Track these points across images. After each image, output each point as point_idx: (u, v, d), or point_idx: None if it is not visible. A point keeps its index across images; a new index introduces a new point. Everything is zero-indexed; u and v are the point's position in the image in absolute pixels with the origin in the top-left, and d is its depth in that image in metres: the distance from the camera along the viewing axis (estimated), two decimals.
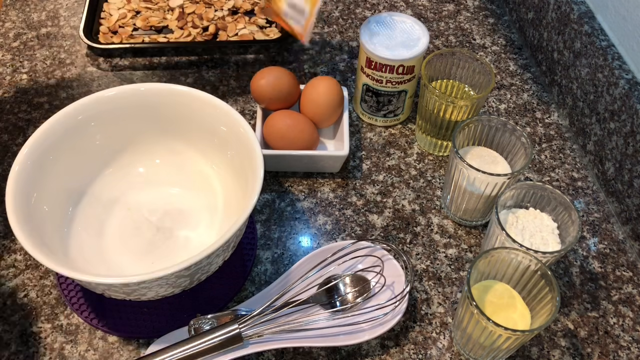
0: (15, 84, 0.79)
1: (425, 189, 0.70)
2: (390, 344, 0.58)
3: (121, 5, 0.87)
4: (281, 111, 0.69)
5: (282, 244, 0.65)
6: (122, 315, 0.58)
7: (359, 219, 0.67)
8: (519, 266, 0.53)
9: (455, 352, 0.58)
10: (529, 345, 0.59)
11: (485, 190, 0.61)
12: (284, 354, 0.57)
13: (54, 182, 0.58)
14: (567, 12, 0.74)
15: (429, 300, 0.61)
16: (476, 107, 0.66)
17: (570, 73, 0.75)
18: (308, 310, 0.57)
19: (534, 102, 0.80)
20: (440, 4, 0.92)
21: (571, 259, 0.65)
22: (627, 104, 0.64)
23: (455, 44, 0.86)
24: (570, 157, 0.74)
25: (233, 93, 0.79)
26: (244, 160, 0.58)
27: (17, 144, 0.72)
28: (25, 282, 0.61)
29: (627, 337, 0.60)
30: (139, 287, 0.50)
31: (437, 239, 0.66)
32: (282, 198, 0.69)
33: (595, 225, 0.68)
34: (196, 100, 0.61)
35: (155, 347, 0.55)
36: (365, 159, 0.73)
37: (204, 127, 0.62)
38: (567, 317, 0.61)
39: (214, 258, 0.52)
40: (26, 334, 0.58)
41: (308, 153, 0.67)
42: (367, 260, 0.60)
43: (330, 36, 0.87)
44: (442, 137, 0.71)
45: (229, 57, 0.83)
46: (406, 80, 0.70)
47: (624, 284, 0.63)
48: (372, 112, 0.75)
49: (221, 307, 0.60)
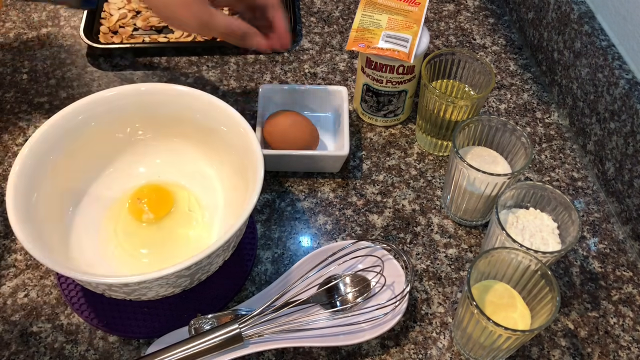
0: (15, 83, 0.79)
1: (426, 189, 0.70)
2: (390, 344, 0.58)
3: (121, 5, 0.87)
4: (281, 111, 0.69)
5: (282, 244, 0.65)
6: (122, 315, 0.58)
7: (359, 219, 0.67)
8: (519, 266, 0.53)
9: (456, 352, 0.58)
10: (529, 345, 0.59)
11: (486, 190, 0.61)
12: (284, 353, 0.57)
13: (54, 182, 0.58)
14: (567, 12, 0.74)
15: (429, 300, 0.61)
16: (476, 107, 0.66)
17: (571, 73, 0.75)
18: (308, 310, 0.57)
19: (534, 102, 0.80)
20: (440, 4, 0.92)
21: (571, 259, 0.65)
22: (627, 104, 0.64)
23: (456, 44, 0.86)
24: (571, 157, 0.74)
25: (233, 93, 0.79)
26: (244, 160, 0.58)
27: (17, 144, 0.72)
28: (26, 282, 0.61)
29: (627, 337, 0.59)
30: (139, 287, 0.50)
31: (437, 239, 0.66)
32: (282, 198, 0.69)
33: (595, 225, 0.68)
34: (196, 100, 0.61)
35: (155, 347, 0.55)
36: (365, 159, 0.73)
37: (204, 127, 0.62)
38: (567, 317, 0.61)
39: (214, 258, 0.52)
40: (26, 334, 0.58)
41: (308, 153, 0.67)
42: (367, 260, 0.60)
43: (330, 36, 0.87)
44: (442, 137, 0.71)
45: (229, 57, 0.83)
46: (406, 80, 0.70)
47: (624, 284, 0.63)
48: (372, 112, 0.75)
49: (221, 307, 0.60)
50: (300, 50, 0.84)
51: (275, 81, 0.80)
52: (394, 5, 0.70)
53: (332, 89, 0.73)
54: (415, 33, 0.68)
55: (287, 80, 0.81)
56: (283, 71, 0.82)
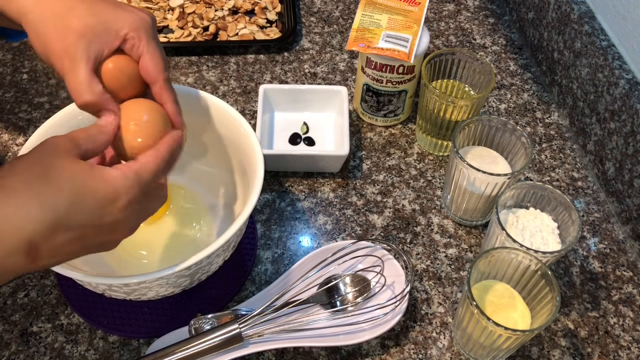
0: (15, 83, 0.79)
1: (426, 189, 0.70)
2: (390, 344, 0.58)
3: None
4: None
5: (283, 244, 0.65)
6: (122, 315, 0.58)
7: (359, 219, 0.67)
8: (519, 266, 0.53)
9: (456, 352, 0.58)
10: (529, 345, 0.59)
11: (486, 190, 0.61)
12: (284, 353, 0.57)
13: None
14: (567, 12, 0.74)
15: (429, 300, 0.61)
16: (476, 107, 0.66)
17: (571, 73, 0.75)
18: (308, 310, 0.57)
19: (534, 102, 0.80)
20: (440, 4, 0.92)
21: (571, 258, 0.65)
22: (628, 103, 0.64)
23: (456, 43, 0.86)
24: (571, 157, 0.74)
25: (233, 93, 0.79)
26: (244, 160, 0.58)
27: (17, 144, 0.72)
28: (26, 281, 0.61)
29: (627, 337, 0.59)
30: (139, 287, 0.50)
31: (437, 238, 0.66)
32: (282, 198, 0.69)
33: (595, 225, 0.68)
34: (196, 100, 0.61)
35: (155, 347, 0.55)
36: (365, 158, 0.73)
37: (204, 127, 0.62)
38: (567, 317, 0.61)
39: (214, 258, 0.52)
40: (26, 334, 0.58)
41: (308, 153, 0.67)
42: (367, 260, 0.60)
43: (331, 36, 0.87)
44: (442, 137, 0.71)
45: (229, 57, 0.83)
46: (406, 80, 0.70)
47: (624, 284, 0.63)
48: (373, 112, 0.75)
49: (221, 307, 0.60)
50: (300, 50, 0.84)
51: (275, 81, 0.80)
52: (394, 5, 0.70)
53: (332, 89, 0.73)
54: (415, 33, 0.68)
55: (287, 80, 0.81)
56: (283, 71, 0.82)
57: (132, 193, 0.40)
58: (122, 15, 0.47)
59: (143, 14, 0.48)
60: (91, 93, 0.45)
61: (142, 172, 0.42)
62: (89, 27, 0.45)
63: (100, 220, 0.39)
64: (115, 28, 0.46)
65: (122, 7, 0.48)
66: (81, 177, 0.39)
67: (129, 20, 0.47)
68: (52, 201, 0.37)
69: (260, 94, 0.72)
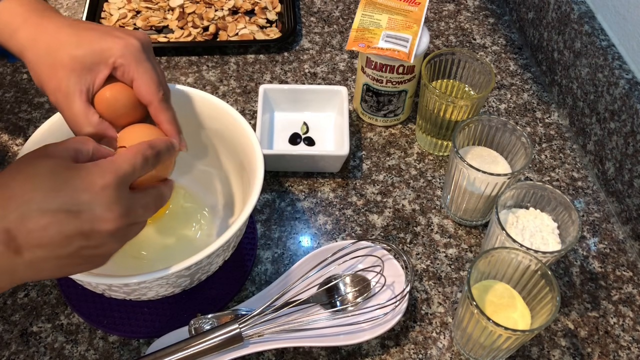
0: (15, 83, 0.79)
1: (426, 189, 0.70)
2: (390, 344, 0.58)
3: (121, 5, 0.87)
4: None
5: (283, 244, 0.65)
6: (122, 315, 0.58)
7: (359, 219, 0.67)
8: (519, 266, 0.53)
9: (455, 352, 0.58)
10: (529, 345, 0.59)
11: (486, 190, 0.61)
12: (284, 353, 0.57)
13: None
14: (567, 12, 0.74)
15: (429, 300, 0.61)
16: (476, 107, 0.66)
17: (571, 73, 0.75)
18: (308, 310, 0.57)
19: (534, 102, 0.80)
20: (440, 4, 0.92)
21: (571, 258, 0.65)
22: (627, 103, 0.64)
23: (456, 43, 0.86)
24: (571, 157, 0.74)
25: (233, 93, 0.79)
26: (244, 160, 0.58)
27: (17, 144, 0.72)
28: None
29: (627, 337, 0.59)
30: (139, 287, 0.50)
31: (437, 238, 0.66)
32: (282, 198, 0.69)
33: (595, 225, 0.68)
34: (196, 100, 0.61)
35: (155, 347, 0.55)
36: (365, 158, 0.73)
37: (204, 127, 0.62)
38: (567, 317, 0.61)
39: (214, 258, 0.52)
40: (26, 334, 0.58)
41: (308, 153, 0.67)
42: (367, 260, 0.60)
43: (331, 36, 0.87)
44: (442, 137, 0.71)
45: (229, 57, 0.83)
46: (406, 80, 0.70)
47: (624, 284, 0.63)
48: (373, 112, 0.75)
49: (221, 307, 0.60)
50: (300, 50, 0.84)
51: (275, 81, 0.80)
52: (394, 5, 0.70)
53: (332, 89, 0.73)
54: (415, 33, 0.68)
55: (287, 80, 0.81)
56: (283, 71, 0.82)
57: (108, 178, 0.40)
58: (110, 43, 0.47)
59: (131, 39, 0.48)
60: (89, 124, 0.47)
61: (118, 161, 0.42)
62: (78, 60, 0.46)
63: (77, 207, 0.38)
64: (104, 57, 0.47)
65: (110, 33, 0.48)
66: (55, 165, 0.39)
67: (115, 48, 0.47)
68: (20, 189, 0.38)
69: (260, 94, 0.72)
